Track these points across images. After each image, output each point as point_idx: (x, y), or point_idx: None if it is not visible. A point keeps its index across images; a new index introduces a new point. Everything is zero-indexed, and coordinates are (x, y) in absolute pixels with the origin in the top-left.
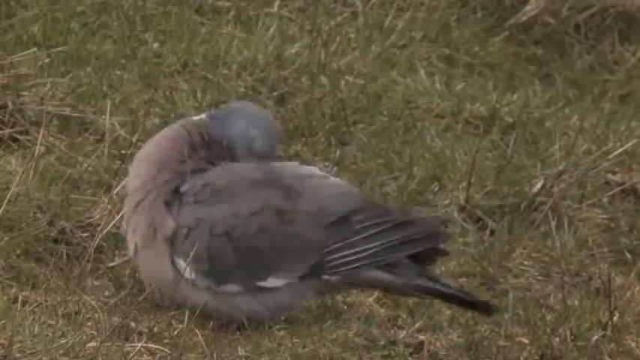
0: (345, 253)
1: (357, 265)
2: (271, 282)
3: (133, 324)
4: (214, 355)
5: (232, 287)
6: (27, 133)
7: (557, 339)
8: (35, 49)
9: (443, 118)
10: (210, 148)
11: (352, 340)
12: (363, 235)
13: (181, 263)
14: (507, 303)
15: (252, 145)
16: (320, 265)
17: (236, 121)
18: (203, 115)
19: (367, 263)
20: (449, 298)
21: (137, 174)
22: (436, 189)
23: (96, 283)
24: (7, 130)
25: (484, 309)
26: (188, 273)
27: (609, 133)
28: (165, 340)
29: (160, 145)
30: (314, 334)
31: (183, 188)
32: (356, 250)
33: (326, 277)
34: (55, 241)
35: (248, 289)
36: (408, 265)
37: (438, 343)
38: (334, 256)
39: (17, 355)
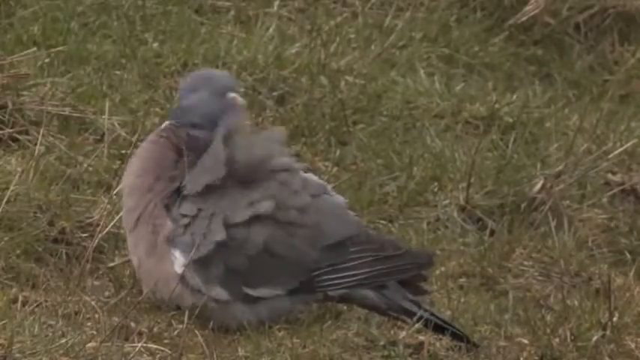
0: (336, 275)
1: (345, 286)
2: (260, 292)
3: (132, 324)
4: (214, 355)
5: (221, 293)
6: (27, 133)
7: (557, 339)
8: (35, 48)
9: (443, 118)
10: (192, 149)
11: (352, 340)
12: (355, 263)
13: (177, 255)
14: (507, 303)
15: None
16: (310, 282)
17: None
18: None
19: (356, 285)
20: (436, 325)
21: (130, 192)
22: (436, 189)
23: (96, 283)
24: (7, 130)
25: (471, 342)
26: (181, 267)
27: (609, 133)
28: (166, 341)
29: (146, 159)
30: (314, 335)
31: (184, 183)
32: (346, 274)
33: (315, 294)
34: (55, 241)
35: (237, 297)
36: (397, 289)
37: (437, 344)
38: (324, 277)
39: (17, 355)
